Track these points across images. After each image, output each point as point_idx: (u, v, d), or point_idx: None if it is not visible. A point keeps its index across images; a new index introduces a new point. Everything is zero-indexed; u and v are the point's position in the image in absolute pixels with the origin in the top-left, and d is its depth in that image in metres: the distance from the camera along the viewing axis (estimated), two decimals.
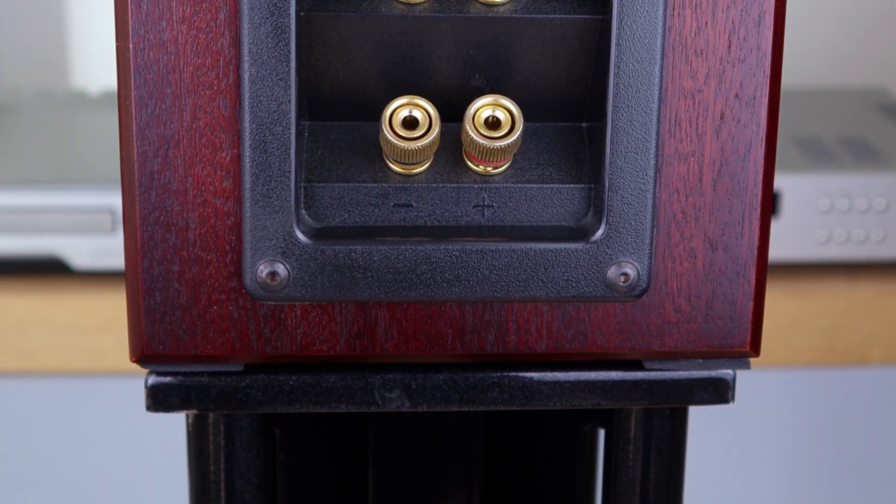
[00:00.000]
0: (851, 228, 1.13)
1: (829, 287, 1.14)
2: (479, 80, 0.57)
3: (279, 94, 0.55)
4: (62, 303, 1.11)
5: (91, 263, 1.10)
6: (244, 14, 0.54)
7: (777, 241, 1.12)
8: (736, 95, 0.57)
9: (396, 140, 0.55)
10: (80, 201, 1.09)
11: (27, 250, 1.10)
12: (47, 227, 1.09)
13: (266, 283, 0.56)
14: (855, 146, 1.19)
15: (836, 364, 1.15)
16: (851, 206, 1.12)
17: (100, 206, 1.09)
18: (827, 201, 1.12)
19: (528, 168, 0.57)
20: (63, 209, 1.09)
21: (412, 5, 0.55)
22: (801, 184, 1.12)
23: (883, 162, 1.15)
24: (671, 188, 0.57)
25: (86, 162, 1.16)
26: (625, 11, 0.55)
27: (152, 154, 0.56)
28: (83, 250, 1.10)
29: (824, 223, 1.13)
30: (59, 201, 1.09)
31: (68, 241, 1.10)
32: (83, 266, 1.10)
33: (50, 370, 1.12)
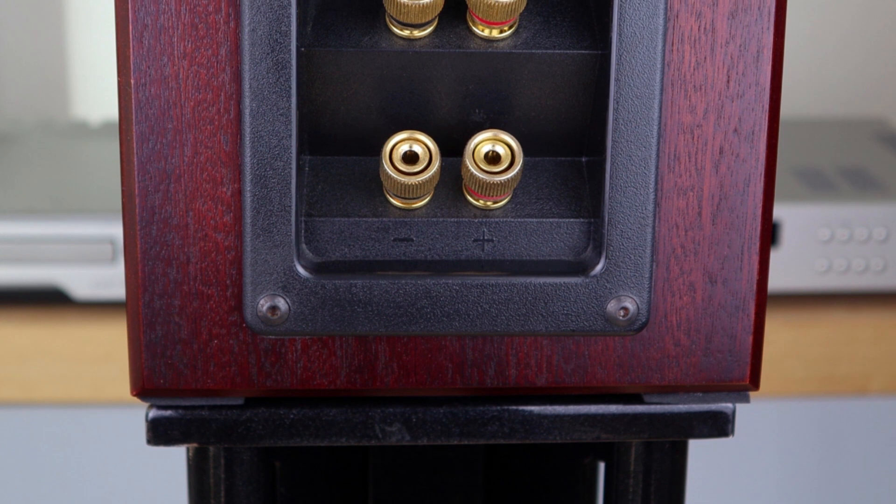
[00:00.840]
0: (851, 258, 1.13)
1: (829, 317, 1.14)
2: (479, 115, 0.57)
3: (280, 129, 0.55)
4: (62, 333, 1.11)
5: (91, 293, 1.10)
6: (245, 50, 0.54)
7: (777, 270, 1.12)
8: (735, 130, 0.57)
9: (397, 175, 0.55)
10: (81, 231, 1.09)
11: (27, 280, 1.10)
12: (48, 257, 1.09)
13: (267, 317, 0.56)
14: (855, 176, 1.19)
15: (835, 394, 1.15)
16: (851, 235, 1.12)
17: (100, 237, 1.09)
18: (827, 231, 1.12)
19: (528, 202, 0.58)
20: (63, 239, 1.09)
21: (412, 41, 0.56)
22: (801, 213, 1.12)
23: (883, 191, 1.16)
24: (670, 222, 0.57)
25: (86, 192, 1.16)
26: (624, 47, 0.55)
27: (153, 189, 0.56)
28: (83, 280, 1.10)
29: (824, 253, 1.13)
30: (59, 231, 1.09)
31: (69, 270, 1.10)
32: (83, 296, 1.10)
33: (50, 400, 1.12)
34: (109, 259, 1.10)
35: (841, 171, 1.21)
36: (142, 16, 0.55)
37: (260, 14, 0.54)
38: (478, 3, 0.54)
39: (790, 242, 1.12)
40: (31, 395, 1.12)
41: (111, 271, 1.10)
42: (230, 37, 0.55)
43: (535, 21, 0.56)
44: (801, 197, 1.14)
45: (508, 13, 0.54)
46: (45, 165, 1.24)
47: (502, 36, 0.56)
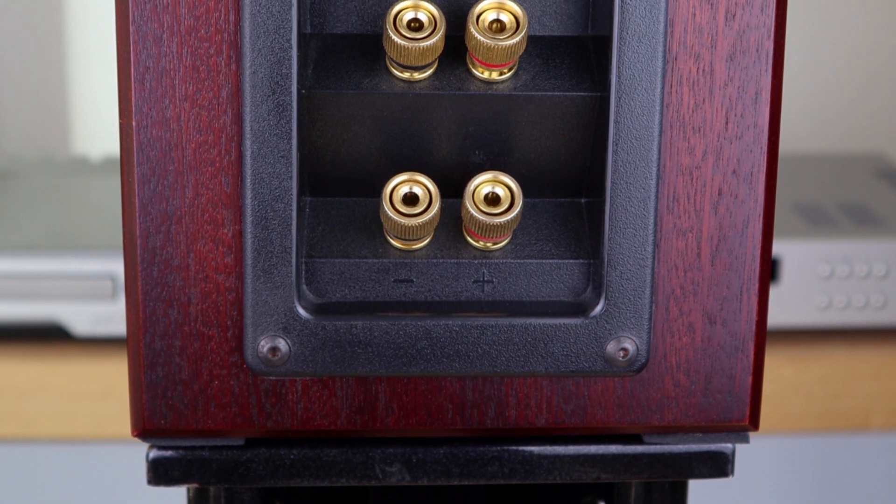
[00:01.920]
0: (851, 294, 1.13)
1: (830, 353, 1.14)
2: (479, 157, 0.57)
3: (280, 171, 0.55)
4: (62, 369, 1.11)
5: (91, 330, 1.10)
6: (246, 92, 0.55)
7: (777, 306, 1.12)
8: (734, 172, 0.57)
9: (397, 216, 0.55)
10: (81, 268, 1.09)
11: (28, 316, 1.10)
12: (48, 294, 1.10)
13: (267, 358, 0.57)
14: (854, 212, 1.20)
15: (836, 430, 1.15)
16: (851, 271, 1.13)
17: (101, 273, 1.09)
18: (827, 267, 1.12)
19: (528, 243, 0.58)
20: (64, 275, 1.09)
21: (413, 83, 0.56)
22: (801, 250, 1.12)
23: (883, 228, 1.16)
24: (670, 263, 0.57)
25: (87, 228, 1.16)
26: (623, 89, 0.55)
27: (154, 230, 0.56)
28: (84, 317, 1.10)
29: (824, 289, 1.13)
30: (59, 267, 1.09)
31: (69, 307, 1.10)
32: (84, 332, 1.10)
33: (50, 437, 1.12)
34: (110, 295, 1.10)
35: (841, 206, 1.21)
36: (143, 58, 0.55)
37: (261, 56, 0.54)
38: (478, 45, 0.54)
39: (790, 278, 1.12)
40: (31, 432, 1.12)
41: (111, 307, 1.10)
42: (231, 79, 0.55)
43: (535, 63, 0.57)
44: (800, 233, 1.14)
45: (508, 56, 0.55)
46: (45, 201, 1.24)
47: (502, 78, 0.56)
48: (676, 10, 0.56)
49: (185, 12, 0.55)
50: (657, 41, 0.55)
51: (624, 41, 0.55)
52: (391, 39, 0.54)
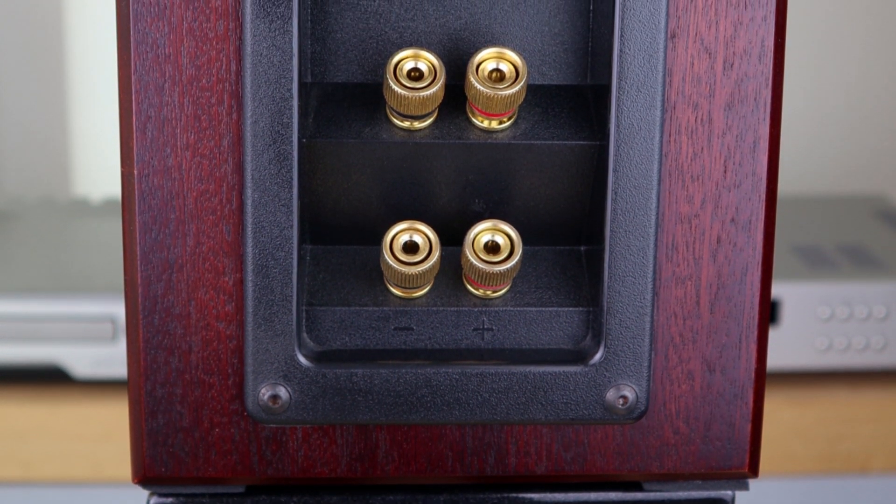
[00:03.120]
0: (852, 336, 1.13)
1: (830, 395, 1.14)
2: (479, 205, 0.58)
3: (281, 220, 0.56)
4: (62, 412, 1.11)
5: (92, 372, 1.10)
6: (247, 141, 0.55)
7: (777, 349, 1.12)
8: (732, 220, 0.57)
9: (397, 265, 0.56)
10: (81, 310, 1.09)
11: (28, 358, 1.10)
12: (48, 336, 1.10)
13: (268, 406, 0.57)
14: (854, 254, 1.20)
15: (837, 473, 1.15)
16: (851, 313, 1.13)
17: (101, 315, 1.09)
18: (827, 309, 1.13)
19: (528, 291, 0.58)
20: (64, 317, 1.09)
21: (413, 132, 0.56)
22: (801, 292, 1.12)
23: (882, 269, 1.16)
24: (669, 311, 0.58)
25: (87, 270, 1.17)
26: (622, 138, 0.56)
27: (156, 278, 0.57)
28: (84, 359, 1.10)
29: (824, 331, 1.13)
30: (60, 309, 1.09)
31: (69, 349, 1.10)
32: (84, 375, 1.11)
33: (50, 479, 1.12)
34: (110, 337, 1.10)
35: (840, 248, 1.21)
36: (145, 107, 0.56)
37: (262, 106, 0.55)
38: (477, 95, 0.55)
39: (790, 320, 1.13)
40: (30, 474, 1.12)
41: (111, 350, 1.10)
42: (232, 128, 0.56)
43: (534, 112, 0.57)
44: (800, 275, 1.14)
45: (508, 105, 0.55)
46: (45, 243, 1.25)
47: (501, 127, 0.56)
48: (675, 59, 0.56)
49: (187, 62, 0.55)
50: (656, 90, 0.55)
51: (623, 90, 0.55)
52: (391, 89, 0.55)
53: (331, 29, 0.57)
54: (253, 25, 0.54)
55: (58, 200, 1.37)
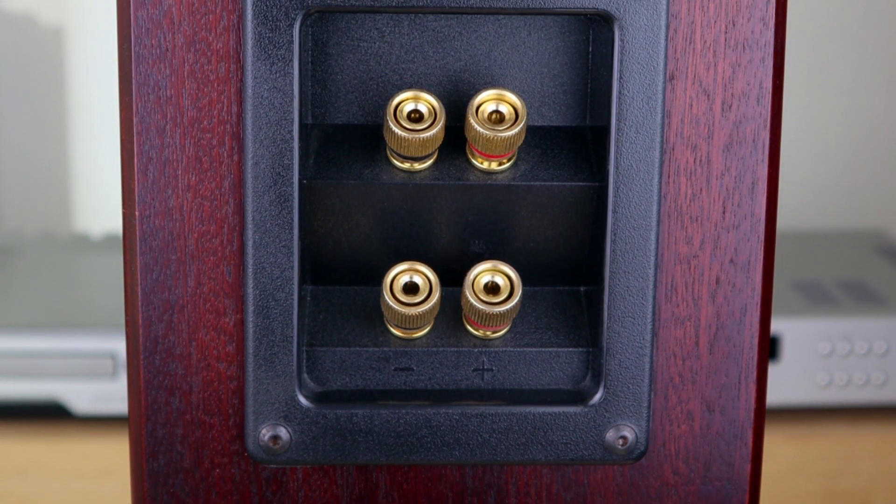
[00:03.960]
0: (852, 372, 1.13)
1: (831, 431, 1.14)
2: (479, 246, 0.58)
3: (282, 261, 0.56)
4: (62, 448, 1.11)
5: (91, 408, 1.10)
6: (248, 182, 0.55)
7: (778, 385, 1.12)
8: (731, 260, 0.58)
9: (397, 306, 0.56)
10: (81, 345, 1.09)
11: (28, 394, 1.10)
12: (48, 372, 1.10)
13: (268, 446, 0.57)
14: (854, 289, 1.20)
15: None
16: (852, 349, 1.13)
17: (101, 351, 1.09)
18: (827, 345, 1.13)
19: (527, 332, 0.58)
20: (64, 353, 1.10)
21: (413, 173, 0.56)
22: (801, 328, 1.13)
23: (883, 305, 1.16)
24: (668, 352, 0.58)
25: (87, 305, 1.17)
26: (621, 179, 0.56)
27: (157, 319, 0.57)
28: (84, 395, 1.10)
29: (825, 367, 1.13)
30: (60, 345, 1.09)
31: (69, 385, 1.10)
32: (84, 411, 1.10)
33: None
34: (110, 373, 1.10)
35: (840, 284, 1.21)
36: (147, 149, 0.56)
37: (263, 148, 0.55)
38: (477, 136, 0.55)
39: (790, 356, 1.13)
40: None
41: (112, 386, 1.10)
42: (233, 170, 0.56)
43: (534, 153, 0.57)
44: (800, 311, 1.15)
45: (507, 147, 0.55)
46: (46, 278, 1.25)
47: (501, 168, 0.57)
48: (673, 101, 0.56)
49: (189, 104, 0.56)
50: (654, 132, 0.56)
51: (622, 132, 0.56)
52: (391, 130, 0.55)
53: (331, 71, 0.57)
54: (254, 68, 0.55)
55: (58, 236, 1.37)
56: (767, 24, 0.56)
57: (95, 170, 1.45)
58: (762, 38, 0.56)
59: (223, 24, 0.55)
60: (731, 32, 0.56)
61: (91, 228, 1.43)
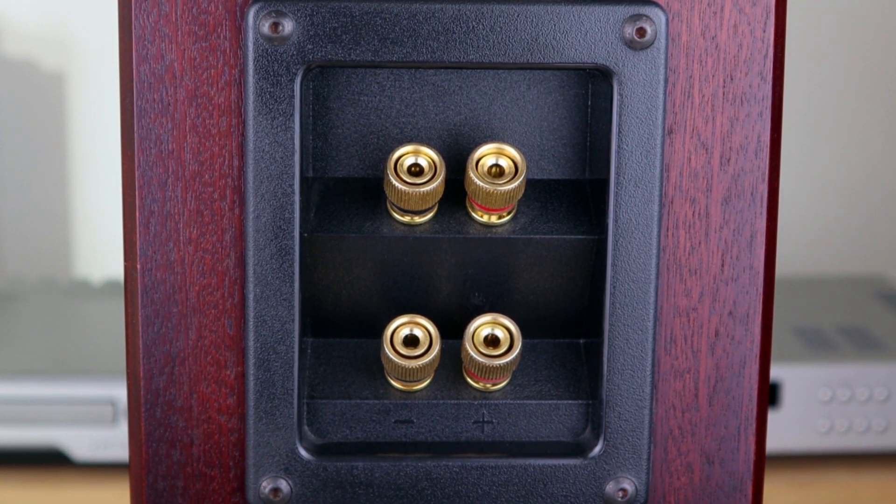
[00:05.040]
0: (853, 418, 1.13)
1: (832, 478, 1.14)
2: (479, 299, 0.58)
3: (283, 314, 0.56)
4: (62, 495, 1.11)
5: (92, 455, 1.10)
6: (249, 236, 0.56)
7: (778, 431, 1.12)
8: (730, 313, 0.58)
9: (397, 358, 0.56)
10: (82, 392, 1.09)
11: (28, 441, 1.10)
12: (48, 419, 1.10)
13: (269, 498, 0.57)
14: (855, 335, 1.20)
15: None
16: (852, 395, 1.13)
17: (101, 398, 1.09)
18: (828, 391, 1.13)
19: (527, 384, 0.58)
20: (64, 400, 1.09)
21: (413, 226, 0.57)
22: (802, 374, 1.12)
23: (883, 351, 1.16)
24: (667, 404, 0.58)
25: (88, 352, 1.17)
26: (620, 232, 0.56)
27: (158, 371, 0.57)
28: (84, 441, 1.10)
29: (826, 413, 1.13)
30: (60, 392, 1.09)
31: (69, 432, 1.10)
32: (84, 458, 1.10)
33: None
34: (110, 420, 1.10)
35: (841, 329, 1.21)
36: (148, 202, 0.56)
37: (264, 201, 0.55)
38: (477, 190, 0.55)
39: (791, 403, 1.13)
40: None
41: (112, 432, 1.10)
42: (235, 223, 0.56)
43: (533, 206, 0.58)
44: (801, 357, 1.15)
45: (507, 200, 0.56)
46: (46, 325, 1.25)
47: (501, 221, 0.57)
48: (672, 155, 0.57)
49: (190, 158, 0.56)
50: (653, 185, 0.56)
51: (621, 185, 0.56)
52: (392, 184, 0.55)
53: (332, 124, 0.58)
54: (255, 122, 0.55)
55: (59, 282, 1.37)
56: (765, 79, 0.56)
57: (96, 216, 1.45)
58: (760, 92, 0.56)
59: (225, 79, 0.56)
60: (729, 86, 0.56)
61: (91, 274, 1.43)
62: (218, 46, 0.55)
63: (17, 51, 1.42)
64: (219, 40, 0.55)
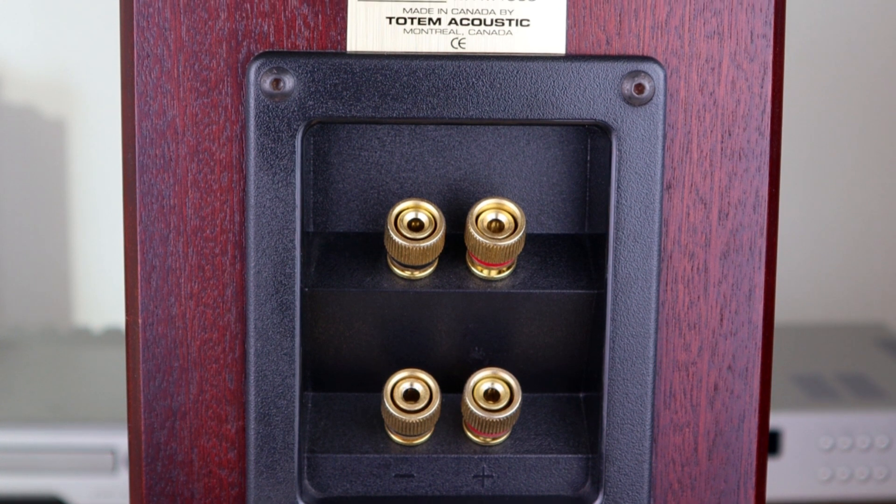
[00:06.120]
0: (854, 467, 1.13)
1: None
2: (479, 353, 0.58)
3: (283, 369, 0.56)
4: None
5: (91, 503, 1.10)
6: (250, 291, 0.56)
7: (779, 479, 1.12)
8: (729, 367, 0.58)
9: (398, 413, 0.56)
10: (82, 440, 1.09)
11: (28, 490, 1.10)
12: (48, 467, 1.09)
13: None
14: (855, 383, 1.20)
15: None
16: (853, 444, 1.13)
17: (101, 446, 1.09)
18: (829, 439, 1.12)
19: (527, 438, 0.58)
20: (64, 448, 1.09)
21: (413, 281, 0.57)
22: (802, 422, 1.12)
23: (884, 399, 1.16)
24: (667, 458, 0.58)
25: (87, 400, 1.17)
26: (619, 287, 0.56)
27: (159, 426, 0.57)
28: (84, 490, 1.10)
29: (826, 461, 1.13)
30: (60, 440, 1.09)
31: (69, 480, 1.10)
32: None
33: None
34: (110, 469, 1.10)
35: (841, 377, 1.21)
36: (150, 257, 0.56)
37: (265, 257, 0.56)
38: (477, 245, 0.56)
39: (791, 451, 1.12)
40: None
41: (112, 481, 1.10)
42: (236, 278, 0.56)
43: (533, 261, 0.58)
44: (801, 405, 1.14)
45: (506, 255, 0.56)
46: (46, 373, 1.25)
47: (501, 276, 0.57)
48: (671, 210, 0.57)
49: (192, 213, 0.56)
50: (652, 240, 0.56)
51: (620, 240, 0.56)
52: (392, 239, 0.55)
53: (333, 179, 0.58)
54: (256, 177, 0.55)
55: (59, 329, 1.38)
56: (763, 134, 0.57)
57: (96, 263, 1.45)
58: (758, 148, 0.57)
59: (226, 135, 0.56)
60: (727, 142, 0.57)
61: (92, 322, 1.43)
62: (219, 102, 0.56)
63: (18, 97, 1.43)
64: (220, 96, 0.56)
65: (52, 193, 1.45)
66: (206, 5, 0.55)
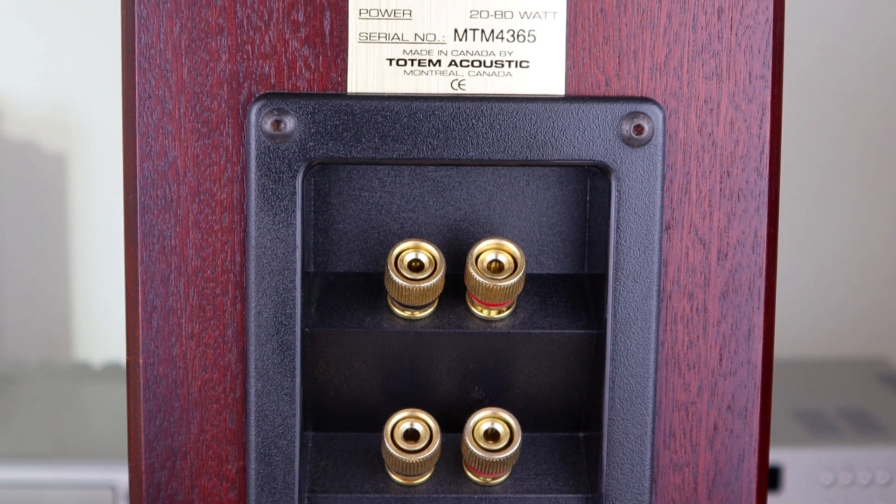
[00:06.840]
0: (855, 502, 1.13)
1: None
2: (479, 393, 0.58)
3: (284, 409, 0.56)
4: None
5: None
6: (251, 331, 0.56)
7: None
8: (728, 407, 0.58)
9: (398, 453, 0.56)
10: (82, 476, 1.09)
11: None
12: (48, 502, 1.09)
13: None
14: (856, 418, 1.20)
15: None
16: (854, 479, 1.13)
17: (101, 482, 1.09)
18: (829, 475, 1.13)
19: (527, 478, 0.59)
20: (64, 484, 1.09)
21: (413, 321, 0.57)
22: (803, 458, 1.12)
23: (885, 434, 1.16)
24: (667, 498, 0.58)
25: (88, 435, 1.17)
26: (619, 327, 0.57)
27: (160, 466, 0.57)
28: None
29: (827, 497, 1.13)
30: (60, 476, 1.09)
31: None
32: None
33: None
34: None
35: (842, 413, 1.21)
36: (151, 297, 0.57)
37: (266, 297, 0.56)
38: (476, 286, 0.56)
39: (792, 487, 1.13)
40: None
41: None
42: (237, 318, 0.57)
43: (533, 301, 0.58)
44: (802, 440, 1.15)
45: (506, 296, 0.56)
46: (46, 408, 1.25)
47: (500, 316, 0.57)
48: (670, 250, 0.57)
49: (193, 253, 0.56)
50: (651, 280, 0.56)
51: (619, 280, 0.56)
52: (392, 280, 0.56)
53: (333, 220, 0.58)
54: (257, 218, 0.55)
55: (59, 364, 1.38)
56: (762, 174, 0.57)
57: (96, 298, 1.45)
58: (756, 188, 0.57)
59: (227, 176, 0.56)
60: (725, 183, 0.57)
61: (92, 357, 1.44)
62: (220, 143, 0.56)
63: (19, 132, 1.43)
64: (221, 137, 0.56)
65: (53, 228, 1.45)
66: (208, 47, 0.55)
